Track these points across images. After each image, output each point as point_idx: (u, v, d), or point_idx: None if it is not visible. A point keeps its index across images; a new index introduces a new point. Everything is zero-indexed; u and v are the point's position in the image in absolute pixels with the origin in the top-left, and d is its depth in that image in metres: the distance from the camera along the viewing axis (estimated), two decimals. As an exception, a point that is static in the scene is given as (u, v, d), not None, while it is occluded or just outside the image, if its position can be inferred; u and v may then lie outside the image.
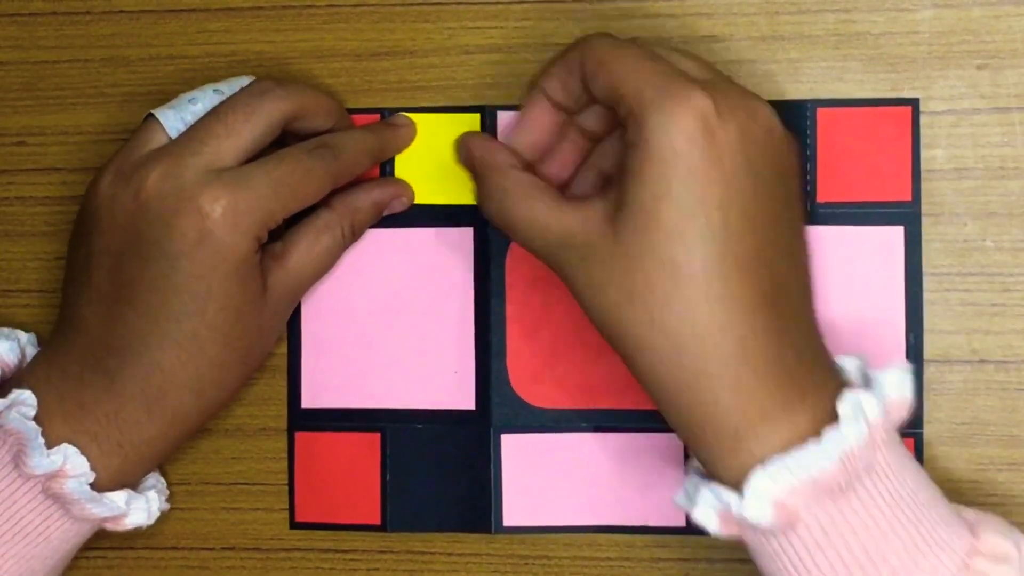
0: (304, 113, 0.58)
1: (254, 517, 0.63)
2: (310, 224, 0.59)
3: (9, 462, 0.55)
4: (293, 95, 0.58)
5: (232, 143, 0.56)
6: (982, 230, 0.59)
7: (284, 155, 0.57)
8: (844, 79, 0.59)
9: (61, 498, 0.56)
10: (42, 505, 0.56)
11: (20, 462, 0.55)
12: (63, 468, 0.55)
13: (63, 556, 0.58)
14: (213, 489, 0.64)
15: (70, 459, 0.55)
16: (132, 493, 0.58)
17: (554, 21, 0.61)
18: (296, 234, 0.59)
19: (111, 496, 0.56)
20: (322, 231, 0.59)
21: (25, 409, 0.55)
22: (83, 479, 0.55)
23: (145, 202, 0.55)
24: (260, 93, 0.57)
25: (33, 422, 0.55)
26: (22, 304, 0.64)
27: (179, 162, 0.55)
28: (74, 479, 0.55)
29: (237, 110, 0.56)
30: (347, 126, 0.60)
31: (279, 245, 0.59)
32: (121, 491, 0.57)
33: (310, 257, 0.59)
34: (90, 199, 0.57)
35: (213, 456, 0.63)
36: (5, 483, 0.55)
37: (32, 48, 0.64)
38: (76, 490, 0.55)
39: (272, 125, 0.57)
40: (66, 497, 0.55)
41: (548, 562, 0.62)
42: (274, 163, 0.56)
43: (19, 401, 0.56)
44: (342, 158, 0.58)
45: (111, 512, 0.57)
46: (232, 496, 0.63)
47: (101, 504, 0.56)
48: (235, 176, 0.55)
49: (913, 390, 0.53)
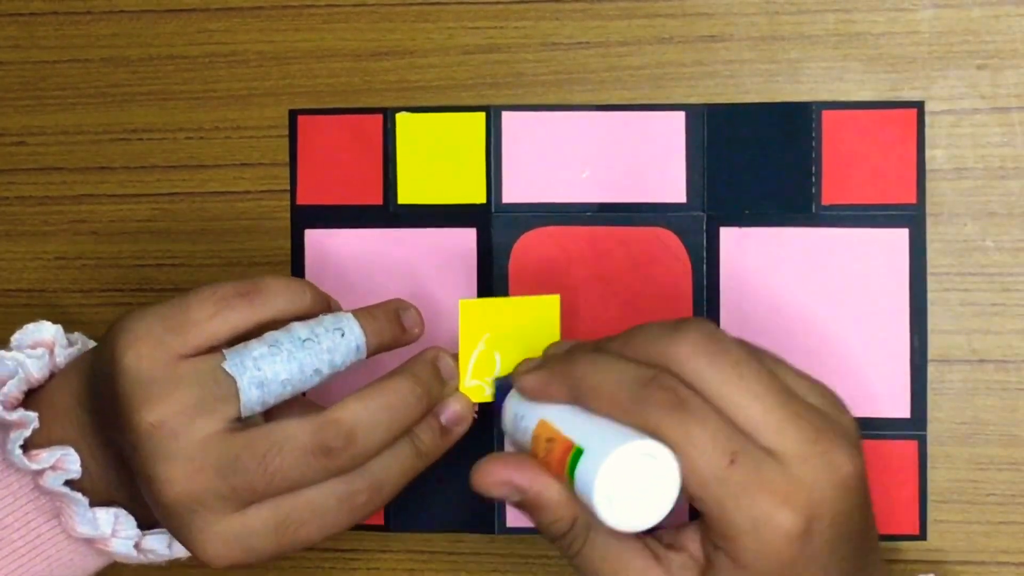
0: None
1: (254, 517, 0.63)
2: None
3: (51, 513, 0.55)
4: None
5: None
6: (982, 230, 0.59)
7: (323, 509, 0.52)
8: (844, 79, 0.59)
9: (105, 553, 0.56)
10: (84, 549, 0.56)
11: (64, 521, 0.55)
12: (110, 534, 0.55)
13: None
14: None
15: (120, 521, 0.55)
16: (171, 538, 0.57)
17: (554, 21, 0.61)
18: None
19: (154, 547, 0.56)
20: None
21: (68, 473, 0.54)
22: (129, 540, 0.55)
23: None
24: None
25: (78, 493, 0.54)
26: (22, 304, 0.64)
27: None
28: (121, 540, 0.55)
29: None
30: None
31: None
32: (160, 536, 0.56)
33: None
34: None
35: (213, 456, 0.63)
36: (55, 534, 0.55)
37: (32, 48, 0.64)
38: (122, 551, 0.55)
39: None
40: (110, 554, 0.56)
41: (548, 562, 0.62)
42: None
43: (59, 466, 0.54)
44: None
45: (151, 560, 0.57)
46: (232, 496, 0.63)
47: (143, 556, 0.56)
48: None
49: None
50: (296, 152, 0.63)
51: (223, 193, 0.63)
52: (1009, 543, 0.60)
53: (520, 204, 0.61)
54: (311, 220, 0.63)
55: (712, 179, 0.60)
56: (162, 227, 0.64)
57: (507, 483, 0.49)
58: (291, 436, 0.51)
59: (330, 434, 0.51)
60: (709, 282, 0.60)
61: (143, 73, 0.63)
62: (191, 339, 0.51)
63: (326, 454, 0.51)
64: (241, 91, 0.63)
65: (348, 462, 0.51)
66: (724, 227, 0.60)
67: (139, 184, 0.64)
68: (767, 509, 0.45)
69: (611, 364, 0.47)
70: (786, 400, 0.46)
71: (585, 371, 0.48)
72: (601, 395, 0.47)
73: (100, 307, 0.64)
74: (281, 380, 0.52)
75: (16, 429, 0.54)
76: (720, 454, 0.45)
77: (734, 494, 0.45)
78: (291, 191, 0.63)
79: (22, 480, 0.55)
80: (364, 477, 0.52)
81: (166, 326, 0.51)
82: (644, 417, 0.45)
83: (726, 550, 0.46)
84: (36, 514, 0.55)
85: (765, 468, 0.45)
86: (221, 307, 0.52)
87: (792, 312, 0.60)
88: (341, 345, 0.53)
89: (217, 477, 0.50)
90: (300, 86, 0.63)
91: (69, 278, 0.64)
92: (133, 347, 0.51)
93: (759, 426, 0.46)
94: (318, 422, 0.51)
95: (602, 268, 0.61)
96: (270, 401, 0.52)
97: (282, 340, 0.52)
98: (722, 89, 0.60)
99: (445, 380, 0.54)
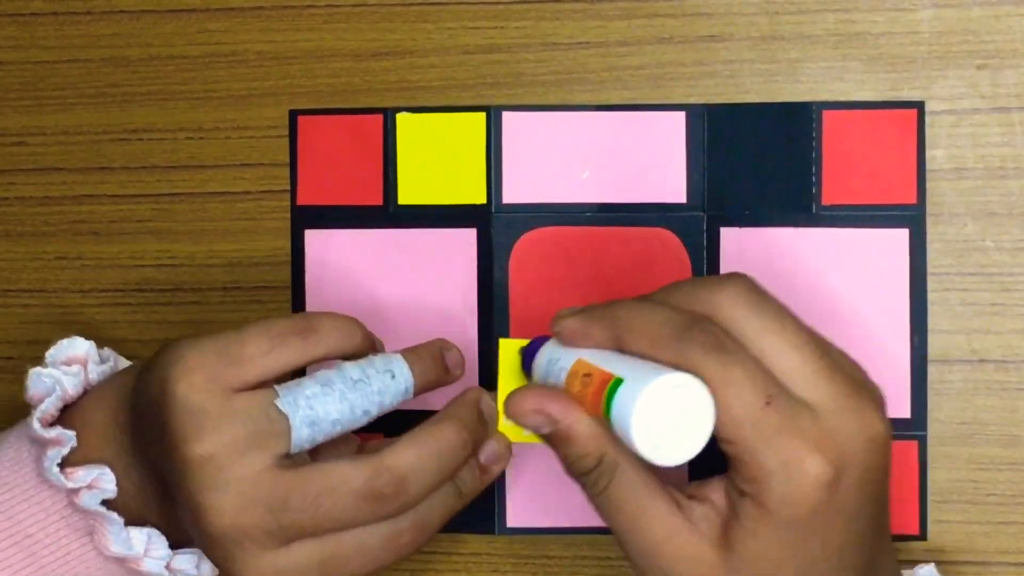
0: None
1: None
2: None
3: (83, 531, 0.55)
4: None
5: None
6: (982, 230, 0.59)
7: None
8: (844, 79, 0.59)
9: (135, 572, 0.56)
10: (114, 566, 0.56)
11: (97, 539, 0.55)
12: (142, 554, 0.55)
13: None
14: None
15: (153, 542, 0.55)
16: (202, 556, 0.57)
17: (554, 21, 0.61)
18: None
19: (183, 567, 0.56)
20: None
21: (104, 493, 0.54)
22: (161, 561, 0.55)
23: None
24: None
25: (114, 512, 0.54)
26: (22, 304, 0.64)
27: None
28: (153, 560, 0.55)
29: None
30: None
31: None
32: (190, 555, 0.56)
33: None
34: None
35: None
36: (85, 551, 0.55)
37: (32, 48, 0.64)
38: (154, 570, 0.55)
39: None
40: (141, 573, 0.55)
41: (548, 562, 0.62)
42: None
43: (94, 485, 0.54)
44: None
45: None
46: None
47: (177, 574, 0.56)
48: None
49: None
50: (296, 152, 0.63)
51: (223, 193, 0.63)
52: (1009, 543, 0.60)
53: (520, 204, 0.61)
54: (311, 220, 0.63)
55: (712, 179, 0.60)
56: (162, 227, 0.64)
57: (540, 411, 0.49)
58: (344, 481, 0.51)
59: (383, 481, 0.51)
60: (709, 282, 0.60)
61: (143, 73, 0.63)
62: (244, 374, 0.52)
63: (377, 499, 0.51)
64: (241, 91, 0.63)
65: (398, 508, 0.52)
66: (724, 227, 0.60)
67: (139, 184, 0.64)
68: (798, 453, 0.45)
69: (654, 308, 0.48)
70: (823, 354, 0.47)
71: (628, 313, 0.48)
72: (642, 335, 0.47)
73: (100, 307, 0.64)
74: (332, 420, 0.52)
75: (53, 447, 0.54)
76: (756, 396, 0.46)
77: (766, 436, 0.45)
78: (291, 191, 0.63)
79: (55, 497, 0.55)
80: (409, 518, 0.53)
81: (221, 359, 0.52)
82: (684, 356, 0.46)
83: (753, 495, 0.46)
84: (68, 531, 0.55)
85: (799, 415, 0.46)
86: (276, 344, 0.53)
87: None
88: (391, 387, 0.54)
89: (267, 513, 0.51)
90: (300, 86, 0.63)
91: (69, 278, 0.64)
92: (186, 377, 0.51)
93: (796, 376, 0.47)
94: (372, 468, 0.51)
95: (602, 268, 0.61)
96: (319, 439, 0.52)
97: (334, 380, 0.52)
98: (722, 89, 0.60)
99: (487, 422, 0.55)
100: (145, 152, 0.64)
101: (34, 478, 0.55)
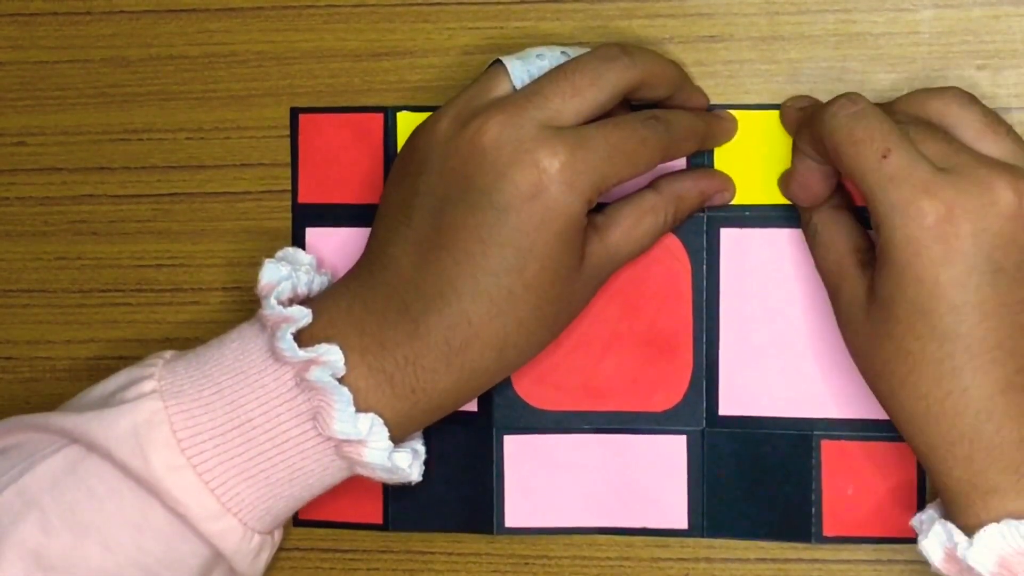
0: (647, 84, 0.57)
1: (255, 517, 0.63)
2: (636, 204, 0.58)
3: (304, 416, 0.54)
4: (640, 65, 0.56)
5: (575, 104, 0.54)
6: (982, 230, 0.59)
7: (620, 121, 0.55)
8: (844, 79, 0.59)
9: (354, 461, 0.55)
10: (328, 457, 0.55)
11: (320, 420, 0.54)
12: (366, 438, 0.54)
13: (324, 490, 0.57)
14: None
15: (375, 430, 0.54)
16: (417, 452, 0.57)
17: (554, 21, 0.61)
18: (620, 211, 0.57)
19: (400, 464, 0.55)
20: (647, 212, 0.57)
21: (334, 369, 0.54)
22: (383, 451, 0.54)
23: (481, 149, 0.53)
24: (609, 59, 0.55)
25: (345, 388, 0.53)
26: (22, 304, 0.65)
27: (521, 113, 0.54)
28: (375, 450, 0.54)
29: (585, 72, 0.55)
30: (683, 99, 0.59)
31: (601, 218, 0.57)
32: (405, 452, 0.56)
33: (631, 236, 0.57)
34: (423, 138, 0.56)
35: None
36: (304, 438, 0.54)
37: (32, 48, 0.64)
38: (374, 460, 0.54)
39: (616, 93, 0.55)
40: (360, 463, 0.55)
41: (548, 562, 0.62)
42: (612, 127, 0.54)
43: (326, 359, 0.54)
44: (673, 134, 0.56)
45: (394, 478, 0.56)
46: (233, 496, 0.63)
47: (390, 471, 0.55)
48: (574, 135, 0.53)
49: None
50: (297, 150, 0.63)
51: (223, 193, 0.63)
52: (1009, 543, 0.59)
53: (520, 204, 0.61)
54: (312, 219, 0.63)
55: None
56: (162, 227, 0.64)
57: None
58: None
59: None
60: (709, 282, 0.60)
61: (143, 73, 0.63)
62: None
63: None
64: (241, 91, 0.63)
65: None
66: (724, 227, 0.60)
67: (139, 184, 0.64)
68: (907, 196, 0.50)
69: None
70: (1004, 135, 0.54)
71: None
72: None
73: (100, 307, 0.64)
74: (536, 54, 0.57)
75: (287, 323, 0.54)
76: (876, 148, 0.51)
77: (881, 184, 0.51)
78: (292, 189, 0.63)
79: (280, 379, 0.54)
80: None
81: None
82: (822, 125, 0.53)
83: (881, 245, 0.51)
84: (288, 416, 0.54)
85: (916, 167, 0.51)
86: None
87: (792, 312, 0.60)
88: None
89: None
90: (300, 86, 0.63)
91: (69, 278, 0.64)
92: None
93: (972, 143, 0.53)
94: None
95: (602, 268, 0.61)
96: (534, 72, 0.56)
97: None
98: (722, 89, 0.60)
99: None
100: (145, 152, 0.64)
101: (259, 363, 0.55)
